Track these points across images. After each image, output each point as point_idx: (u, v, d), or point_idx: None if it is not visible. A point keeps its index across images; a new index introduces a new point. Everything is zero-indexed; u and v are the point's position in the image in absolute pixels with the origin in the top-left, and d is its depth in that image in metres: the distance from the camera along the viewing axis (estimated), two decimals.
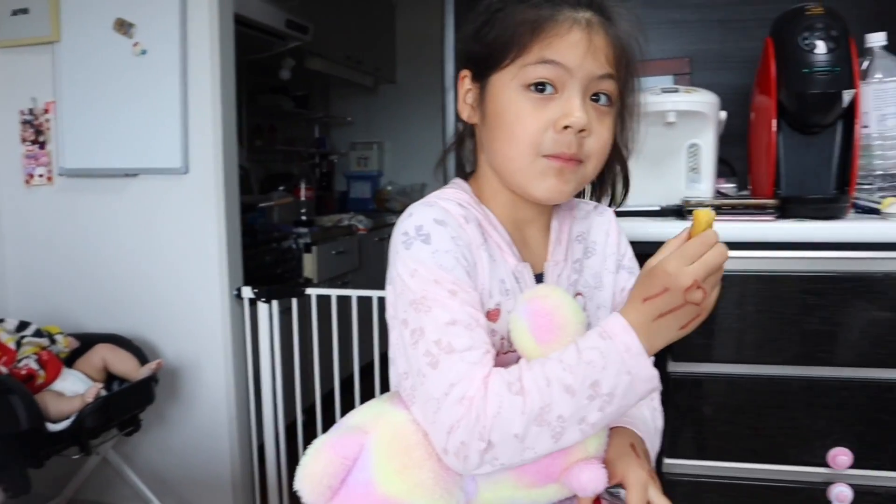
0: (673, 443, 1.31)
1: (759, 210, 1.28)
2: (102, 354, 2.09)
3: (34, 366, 1.90)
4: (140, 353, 2.16)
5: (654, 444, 0.91)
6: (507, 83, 0.83)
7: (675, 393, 1.30)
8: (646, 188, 1.44)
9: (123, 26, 2.27)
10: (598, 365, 0.73)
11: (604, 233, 0.98)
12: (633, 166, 1.43)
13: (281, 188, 3.63)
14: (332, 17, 3.75)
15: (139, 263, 2.36)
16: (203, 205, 2.28)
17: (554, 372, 0.73)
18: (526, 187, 0.85)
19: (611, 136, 0.86)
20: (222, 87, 2.25)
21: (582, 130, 0.81)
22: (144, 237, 2.35)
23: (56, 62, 2.36)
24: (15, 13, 2.41)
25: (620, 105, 0.88)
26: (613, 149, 0.90)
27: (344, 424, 0.84)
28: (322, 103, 4.68)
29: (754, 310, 1.26)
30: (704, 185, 1.43)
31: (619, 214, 1.40)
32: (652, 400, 0.96)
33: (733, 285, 1.26)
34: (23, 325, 2.04)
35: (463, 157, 0.98)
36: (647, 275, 0.75)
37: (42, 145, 2.45)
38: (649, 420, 0.92)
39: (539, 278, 0.90)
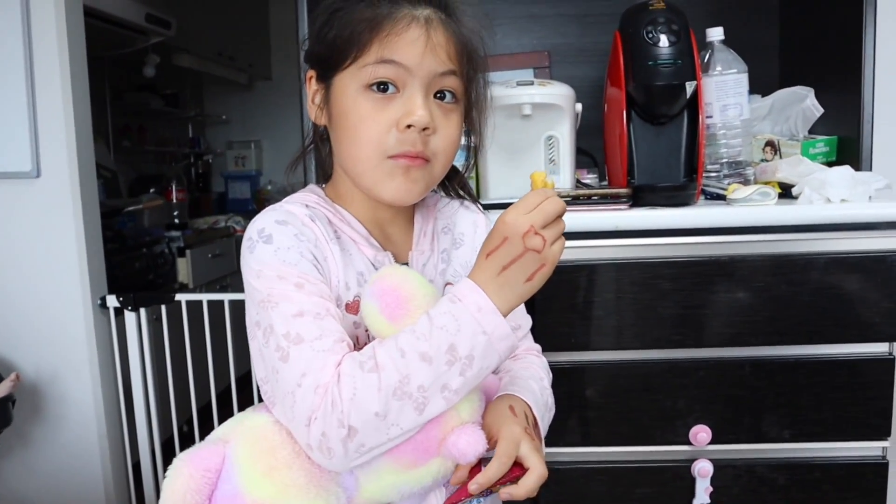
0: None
1: (613, 199, 1.32)
2: None
3: None
4: None
5: (543, 416, 0.90)
6: (349, 84, 0.82)
7: None
8: (507, 180, 1.46)
9: None
10: (452, 329, 0.72)
11: (471, 223, 0.98)
12: (493, 159, 1.47)
13: (152, 191, 3.48)
14: (199, 12, 3.61)
15: None
16: (58, 209, 2.15)
17: (408, 343, 0.72)
18: (374, 189, 0.84)
19: (458, 133, 0.86)
20: (73, 84, 2.12)
21: (426, 129, 0.80)
22: None
23: None
24: None
25: (467, 102, 0.88)
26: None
27: (206, 439, 0.81)
28: (195, 101, 4.51)
29: (613, 297, 1.30)
30: (564, 176, 1.46)
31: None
32: (542, 380, 0.96)
33: (591, 274, 1.29)
34: None
35: (321, 159, 0.97)
36: (490, 231, 0.77)
37: None
38: (537, 392, 0.91)
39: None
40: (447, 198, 1.01)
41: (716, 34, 1.48)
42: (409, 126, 0.79)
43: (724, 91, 1.46)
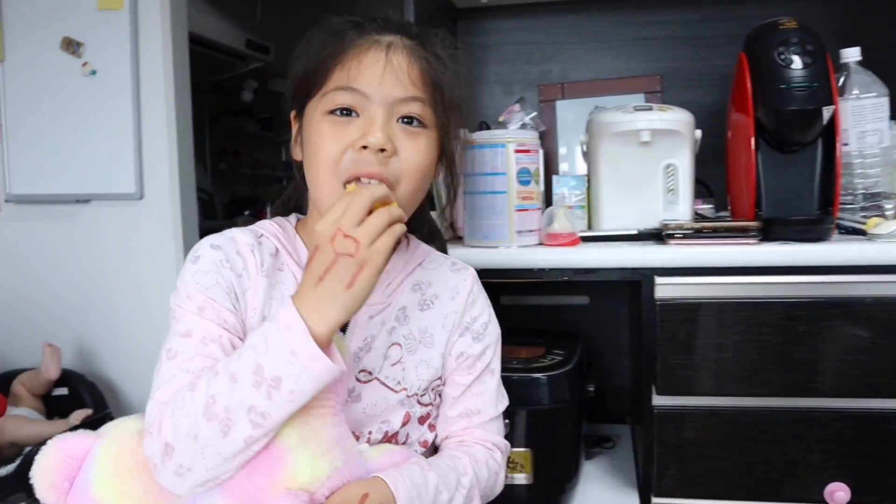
0: (659, 480, 1.24)
1: (741, 233, 1.22)
2: (20, 382, 1.99)
3: None
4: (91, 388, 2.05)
5: None
6: (315, 111, 0.83)
7: (658, 427, 1.23)
8: (621, 211, 1.38)
9: (71, 45, 2.17)
10: (261, 349, 0.69)
11: (450, 290, 0.92)
12: (607, 188, 1.39)
13: (246, 213, 3.53)
14: (296, 38, 3.66)
15: (91, 292, 2.24)
16: (160, 229, 2.17)
17: (225, 363, 0.71)
18: None
19: (426, 158, 0.83)
20: (177, 109, 2.15)
21: (383, 150, 0.78)
22: (98, 265, 2.23)
23: (2, 83, 2.25)
24: None
25: (441, 133, 0.85)
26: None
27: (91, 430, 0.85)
28: (289, 125, 4.59)
29: (738, 339, 1.20)
30: (683, 207, 1.37)
31: (593, 239, 1.35)
32: (459, 478, 0.83)
33: (715, 314, 1.20)
34: None
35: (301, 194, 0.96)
36: None
37: None
38: (430, 488, 0.79)
39: None
40: (440, 254, 0.97)
41: (852, 55, 1.37)
42: (364, 147, 0.78)
43: (862, 116, 1.34)
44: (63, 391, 2.10)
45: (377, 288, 0.84)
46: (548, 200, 1.48)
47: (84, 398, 2.08)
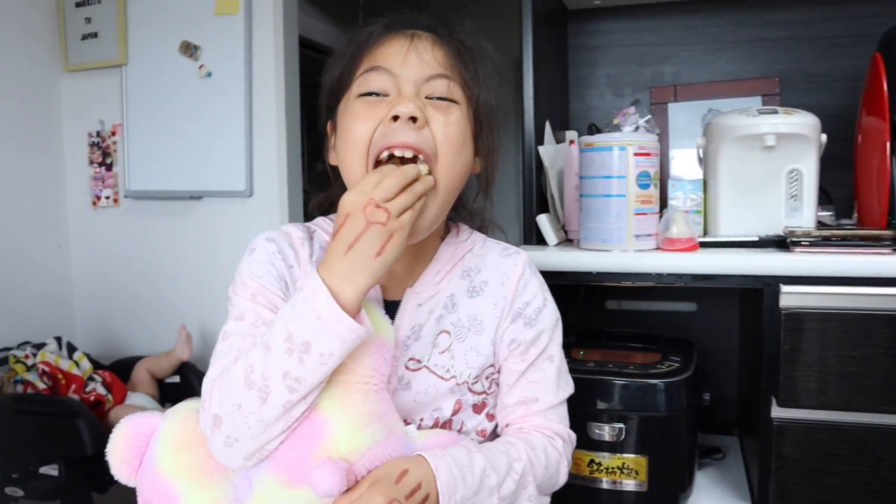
0: (777, 495, 1.20)
1: (873, 242, 1.17)
2: (145, 366, 2.08)
3: (101, 390, 1.89)
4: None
5: (458, 496, 0.76)
6: (347, 101, 0.85)
7: (780, 442, 1.19)
8: (741, 216, 1.35)
9: (189, 49, 2.27)
10: (290, 317, 0.73)
11: (500, 276, 0.91)
12: (725, 193, 1.36)
13: None
14: None
15: (203, 286, 2.34)
16: (267, 226, 2.23)
17: (261, 336, 0.75)
18: None
19: (459, 130, 0.83)
20: (287, 110, 2.22)
21: (414, 120, 0.79)
22: (208, 258, 2.33)
23: (124, 85, 2.37)
24: (85, 38, 2.43)
25: (474, 112, 0.86)
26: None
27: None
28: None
29: (868, 352, 1.15)
30: (807, 214, 1.32)
31: (711, 245, 1.32)
32: (511, 463, 0.82)
33: (846, 325, 1.15)
34: (71, 347, 2.04)
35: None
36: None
37: (109, 167, 2.46)
38: (476, 471, 0.78)
39: (394, 305, 0.88)
40: (493, 240, 0.96)
41: None
42: (395, 118, 0.79)
43: None
44: (175, 379, 2.20)
45: (425, 276, 0.88)
46: (661, 204, 1.46)
47: (194, 387, 2.17)
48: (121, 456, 0.83)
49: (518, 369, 0.89)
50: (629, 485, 1.28)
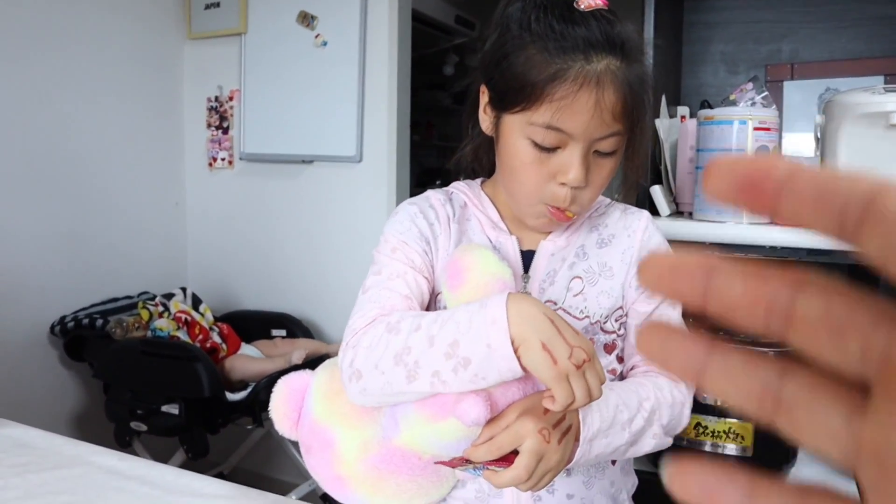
0: None
1: None
2: (304, 345, 2.18)
3: (217, 339, 2.02)
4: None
5: (597, 426, 0.81)
6: (515, 129, 0.84)
7: None
8: None
9: (306, 19, 2.37)
10: (464, 327, 0.74)
11: (625, 228, 0.95)
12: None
13: (437, 182, 3.69)
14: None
15: (310, 247, 2.46)
16: (375, 193, 2.35)
17: (427, 321, 0.77)
18: (521, 216, 0.91)
19: (609, 175, 0.87)
20: (399, 79, 2.30)
21: (578, 187, 0.83)
22: (317, 222, 2.44)
23: (242, 53, 2.50)
24: (207, 7, 2.57)
25: (628, 140, 0.86)
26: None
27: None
28: (475, 95, 4.71)
29: None
30: None
31: None
32: (650, 393, 0.87)
33: None
34: (196, 298, 2.18)
35: (480, 156, 1.00)
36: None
37: (225, 131, 2.60)
38: (610, 404, 0.82)
39: (530, 254, 0.93)
40: (615, 202, 0.99)
41: None
42: (563, 183, 0.82)
43: None
44: (282, 333, 2.33)
45: (558, 231, 0.94)
46: None
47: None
48: (282, 411, 0.91)
49: (645, 311, 0.94)
50: (732, 449, 1.30)
